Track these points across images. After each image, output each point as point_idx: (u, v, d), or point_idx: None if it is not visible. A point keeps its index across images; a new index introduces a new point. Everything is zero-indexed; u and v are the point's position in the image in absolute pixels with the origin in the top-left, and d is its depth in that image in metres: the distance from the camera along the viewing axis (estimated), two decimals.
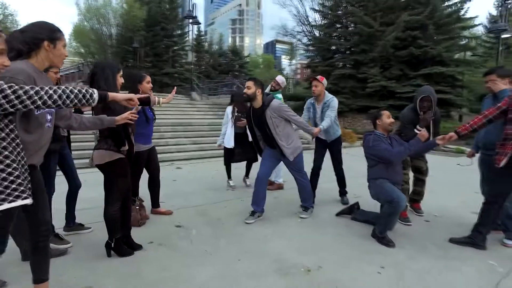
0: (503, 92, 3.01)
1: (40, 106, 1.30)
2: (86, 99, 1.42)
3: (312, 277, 2.38)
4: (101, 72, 2.33)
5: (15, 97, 1.24)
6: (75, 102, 1.38)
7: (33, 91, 1.27)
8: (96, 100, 1.45)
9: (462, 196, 4.62)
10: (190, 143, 8.80)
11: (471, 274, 2.47)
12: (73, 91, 1.38)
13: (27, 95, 1.26)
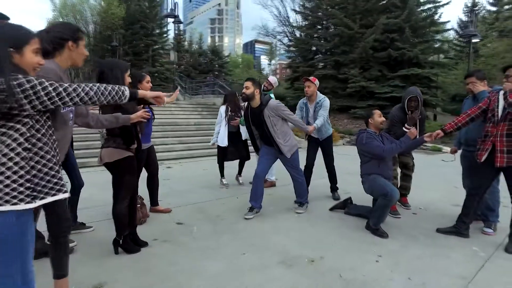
0: (482, 93, 3.27)
1: (78, 103, 1.35)
2: (118, 96, 1.47)
3: (316, 267, 2.53)
4: (109, 72, 2.37)
5: (56, 94, 1.28)
6: (109, 99, 1.43)
7: (72, 88, 1.32)
8: (128, 97, 1.51)
9: (442, 191, 4.93)
10: (177, 143, 8.81)
11: (458, 259, 2.69)
12: (107, 88, 1.43)
13: (66, 92, 1.31)
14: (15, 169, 1.25)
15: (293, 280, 2.31)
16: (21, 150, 1.27)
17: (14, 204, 1.23)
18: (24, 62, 1.31)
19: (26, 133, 1.29)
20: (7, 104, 1.19)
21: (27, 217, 1.31)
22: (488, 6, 27.47)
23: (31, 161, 1.30)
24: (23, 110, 1.24)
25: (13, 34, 1.29)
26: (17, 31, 1.31)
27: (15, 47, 1.28)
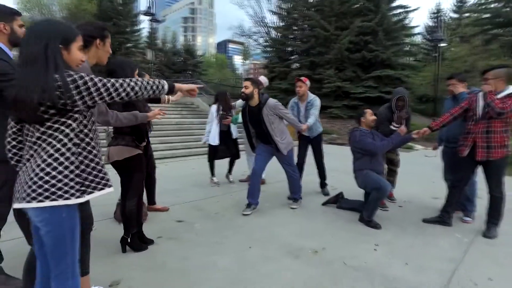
0: (461, 94, 3.57)
1: (124, 98, 1.37)
2: (158, 90, 1.47)
3: (320, 256, 2.68)
4: (120, 70, 2.40)
5: (105, 90, 1.30)
6: (150, 93, 1.44)
7: (118, 83, 1.34)
8: (166, 90, 1.52)
9: (422, 185, 5.27)
10: (159, 143, 8.71)
11: (445, 245, 2.94)
12: (149, 82, 1.44)
13: (113, 87, 1.32)
14: (66, 164, 1.28)
15: (302, 270, 2.45)
16: (72, 146, 1.30)
17: (66, 199, 1.26)
18: (70, 58, 1.34)
19: (76, 129, 1.31)
20: (62, 100, 1.22)
21: (76, 212, 1.34)
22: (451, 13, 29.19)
23: (80, 156, 1.33)
24: (75, 106, 1.26)
25: (63, 31, 1.32)
26: (66, 28, 1.34)
27: (64, 44, 1.31)
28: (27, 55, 1.23)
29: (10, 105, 1.24)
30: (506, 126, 3.11)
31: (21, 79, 1.21)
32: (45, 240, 1.30)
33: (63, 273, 1.34)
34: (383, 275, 2.39)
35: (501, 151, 3.08)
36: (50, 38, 1.26)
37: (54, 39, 1.26)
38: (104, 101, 1.33)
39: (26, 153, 1.31)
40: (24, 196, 1.24)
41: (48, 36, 1.25)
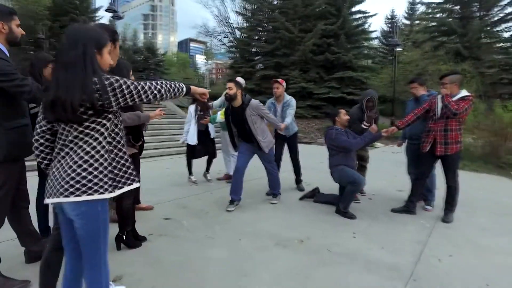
0: (422, 97, 4.01)
1: (150, 99, 1.47)
2: (179, 92, 1.58)
3: (306, 245, 2.92)
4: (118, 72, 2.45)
5: (135, 92, 1.39)
6: (172, 95, 1.54)
7: (146, 86, 1.44)
8: (184, 92, 1.62)
9: (386, 179, 5.73)
10: None
11: (412, 231, 3.32)
12: (172, 85, 1.54)
13: (143, 89, 1.42)
14: (101, 161, 1.37)
15: (292, 257, 2.67)
16: (105, 144, 1.39)
17: (101, 193, 1.35)
18: (102, 62, 1.42)
19: (109, 128, 1.41)
20: (100, 101, 1.31)
21: (107, 207, 1.44)
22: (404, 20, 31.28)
23: (112, 154, 1.42)
24: (110, 107, 1.36)
25: (97, 37, 1.40)
26: (99, 34, 1.43)
27: (97, 48, 1.40)
28: (66, 60, 1.31)
29: (46, 107, 1.31)
30: (460, 124, 3.56)
31: (61, 82, 1.29)
32: (80, 233, 1.39)
33: (97, 263, 1.43)
34: (364, 258, 2.68)
35: (456, 147, 3.52)
36: (87, 43, 1.34)
37: (90, 44, 1.35)
38: (133, 102, 1.43)
39: (60, 151, 1.39)
40: (61, 191, 1.32)
41: (85, 41, 1.34)
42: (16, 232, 2.36)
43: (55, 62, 1.36)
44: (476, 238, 3.18)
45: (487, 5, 22.98)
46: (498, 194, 5.11)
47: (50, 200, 1.38)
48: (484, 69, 21.36)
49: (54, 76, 1.33)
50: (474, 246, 2.98)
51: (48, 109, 1.31)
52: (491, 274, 2.46)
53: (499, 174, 6.81)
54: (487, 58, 22.17)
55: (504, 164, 7.35)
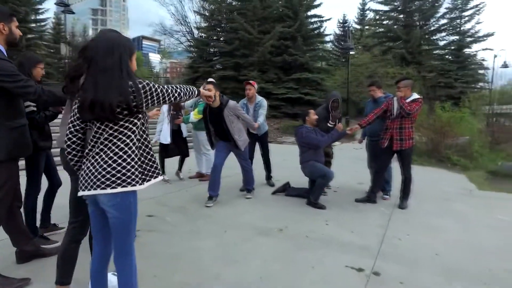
0: (380, 98, 4.50)
1: (171, 101, 1.66)
2: (192, 95, 1.79)
3: (286, 233, 3.22)
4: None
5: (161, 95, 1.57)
6: (187, 97, 1.75)
7: (170, 89, 1.62)
8: (196, 94, 1.83)
9: (348, 174, 6.22)
10: None
11: (375, 217, 3.76)
12: (188, 88, 1.74)
13: (167, 92, 1.59)
14: (133, 156, 1.51)
15: (275, 244, 2.95)
16: (136, 141, 1.53)
17: (133, 185, 1.50)
18: (131, 67, 1.56)
19: (139, 126, 1.55)
20: (135, 102, 1.46)
21: (137, 198, 1.59)
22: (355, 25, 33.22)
23: (141, 150, 1.56)
24: (142, 107, 1.51)
25: (129, 45, 1.55)
26: (130, 42, 1.57)
27: (129, 55, 1.54)
28: (104, 66, 1.44)
29: (84, 107, 1.44)
30: (413, 123, 4.08)
31: (99, 85, 1.42)
32: (114, 222, 1.53)
33: (128, 250, 1.58)
34: (337, 241, 3.03)
35: (409, 142, 4.04)
36: (122, 51, 1.49)
37: (124, 52, 1.50)
38: (159, 103, 1.60)
39: (94, 148, 1.51)
40: (99, 183, 1.46)
41: (120, 49, 1.49)
42: (9, 232, 2.36)
43: (90, 67, 1.48)
44: (427, 220, 3.70)
45: (425, 15, 25.25)
46: (440, 183, 5.85)
47: (86, 193, 1.50)
48: (425, 73, 23.40)
49: (91, 79, 1.45)
50: (425, 227, 3.49)
51: (87, 110, 1.43)
52: (439, 247, 2.94)
53: (440, 167, 7.71)
54: (427, 63, 24.36)
55: (444, 158, 8.31)
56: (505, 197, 5.01)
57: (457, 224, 3.60)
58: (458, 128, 9.00)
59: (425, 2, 25.19)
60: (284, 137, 14.82)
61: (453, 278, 2.41)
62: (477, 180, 6.43)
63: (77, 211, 1.79)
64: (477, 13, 24.96)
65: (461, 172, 7.24)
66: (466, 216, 3.90)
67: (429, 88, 23.13)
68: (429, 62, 24.44)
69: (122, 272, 1.59)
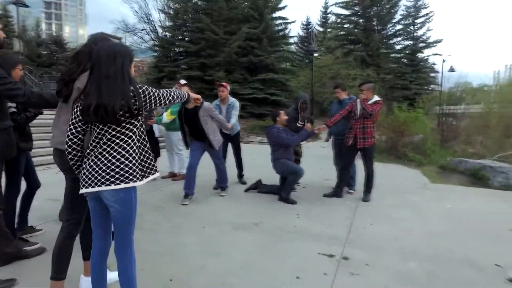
0: (345, 100, 4.85)
1: (166, 104, 1.80)
2: (183, 98, 1.93)
3: (261, 227, 3.43)
4: None
5: (158, 99, 1.70)
6: (179, 100, 1.88)
7: (165, 93, 1.74)
8: (186, 98, 1.96)
9: (314, 171, 6.55)
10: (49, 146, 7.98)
11: (342, 209, 4.08)
12: (180, 92, 1.88)
13: (162, 96, 1.73)
14: (134, 155, 1.63)
15: (252, 238, 3.15)
16: (136, 141, 1.66)
17: (134, 181, 1.62)
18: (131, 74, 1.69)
19: (139, 128, 1.68)
20: (135, 106, 1.58)
21: (137, 194, 1.71)
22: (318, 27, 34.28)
23: (140, 149, 1.68)
24: (141, 110, 1.63)
25: (130, 54, 1.67)
26: (130, 50, 1.69)
27: (130, 63, 1.66)
28: (107, 73, 1.55)
29: (87, 111, 1.54)
30: (374, 123, 4.45)
31: (103, 90, 1.53)
32: (117, 216, 1.64)
33: (128, 242, 1.70)
34: (309, 232, 3.29)
35: (371, 140, 4.41)
36: (124, 59, 1.61)
37: (125, 59, 1.62)
38: (155, 106, 1.73)
39: (96, 148, 1.61)
40: (103, 180, 1.56)
41: (123, 58, 1.61)
42: None
43: (93, 73, 1.58)
44: (387, 211, 4.08)
45: (383, 21, 26.72)
46: (398, 178, 6.37)
47: (90, 189, 1.59)
48: (384, 75, 24.72)
49: (94, 85, 1.55)
50: (386, 217, 3.86)
51: (91, 113, 1.54)
52: (398, 234, 3.30)
53: (398, 163, 8.32)
54: (386, 66, 25.77)
55: (401, 155, 8.97)
56: (452, 189, 5.59)
57: (412, 214, 4.01)
58: (414, 127, 9.74)
59: (383, 8, 26.69)
60: (251, 137, 15.05)
61: (409, 259, 2.75)
62: (430, 174, 7.04)
63: (73, 209, 1.88)
64: (428, 21, 26.95)
65: (416, 167, 7.87)
66: (420, 207, 4.34)
67: (387, 89, 24.51)
68: (387, 65, 25.86)
69: (122, 263, 1.71)
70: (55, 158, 1.90)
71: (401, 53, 28.08)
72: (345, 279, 2.41)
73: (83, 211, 1.91)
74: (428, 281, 2.42)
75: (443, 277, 2.46)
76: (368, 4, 25.84)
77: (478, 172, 6.65)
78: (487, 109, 11.31)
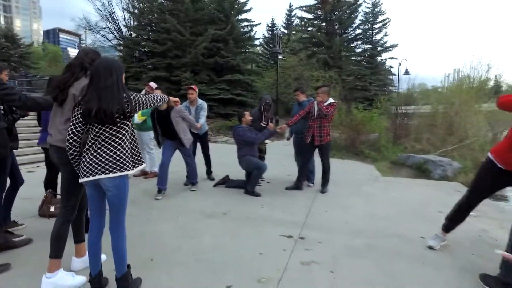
0: (304, 102, 5.37)
1: (149, 107, 2.17)
2: (164, 101, 2.32)
3: (229, 216, 3.83)
4: None
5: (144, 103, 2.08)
6: (159, 103, 2.26)
7: (149, 98, 2.11)
8: (166, 101, 2.38)
9: (277, 168, 7.07)
10: (25, 146, 7.85)
11: (301, 200, 4.58)
12: (162, 97, 2.28)
13: (148, 100, 2.10)
14: (126, 149, 1.98)
15: (222, 224, 3.54)
16: (128, 137, 2.01)
17: (127, 170, 1.97)
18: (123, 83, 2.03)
19: (130, 127, 2.03)
20: (128, 110, 1.93)
21: (128, 181, 2.05)
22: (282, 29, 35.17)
23: (130, 144, 2.03)
24: (133, 113, 1.98)
25: (122, 68, 2.03)
26: (121, 65, 2.05)
27: (122, 75, 2.01)
28: (105, 84, 1.89)
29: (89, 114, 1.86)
30: (329, 122, 5.00)
31: (102, 98, 1.86)
32: (113, 199, 1.98)
33: (121, 220, 2.04)
34: (272, 219, 3.75)
35: (327, 138, 4.95)
36: (118, 73, 1.97)
37: (120, 73, 1.98)
38: (143, 108, 2.10)
39: (94, 144, 1.93)
40: (103, 170, 1.90)
41: (117, 71, 1.97)
42: None
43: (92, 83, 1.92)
44: (342, 200, 4.64)
45: (344, 25, 28.05)
46: (354, 173, 7.02)
47: (92, 178, 1.92)
48: (345, 77, 25.96)
49: (94, 93, 1.88)
50: (340, 205, 4.40)
51: (93, 116, 1.86)
52: (349, 218, 3.84)
53: (356, 159, 9.05)
54: (347, 68, 27.08)
55: (359, 152, 9.73)
56: (399, 181, 6.32)
57: (363, 202, 4.59)
58: (370, 126, 10.58)
59: (343, 13, 28.03)
60: (218, 137, 15.37)
61: (355, 236, 3.28)
62: (382, 169, 7.80)
63: (69, 197, 2.17)
64: (385, 26, 28.72)
65: (371, 163, 8.63)
66: (370, 196, 4.96)
67: (348, 90, 25.78)
68: (348, 67, 27.21)
69: (116, 240, 2.05)
70: (53, 154, 2.17)
71: (361, 56, 29.64)
72: (300, 253, 2.88)
73: (77, 199, 2.21)
74: (367, 251, 2.95)
75: (379, 248, 3.01)
76: (330, 9, 27.03)
77: (422, 166, 7.47)
78: (434, 109, 12.45)
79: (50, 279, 2.12)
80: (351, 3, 27.66)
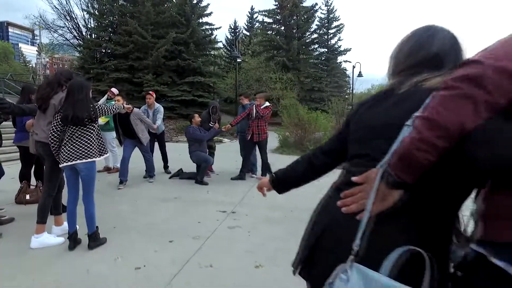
0: (246, 105, 6.39)
1: (109, 114, 3.03)
2: (121, 109, 3.20)
3: (179, 199, 4.74)
4: None
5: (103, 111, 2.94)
6: (117, 111, 3.15)
7: (106, 107, 2.98)
8: (122, 109, 3.24)
9: (227, 162, 8.04)
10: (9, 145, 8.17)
11: (242, 187, 5.57)
12: (118, 106, 3.16)
13: (105, 109, 2.96)
14: (95, 142, 2.83)
15: (174, 206, 4.45)
16: (96, 134, 2.86)
17: (96, 157, 2.82)
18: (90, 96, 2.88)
19: (96, 127, 2.88)
20: (94, 116, 2.79)
21: (95, 165, 2.90)
22: (245, 31, 36.14)
23: (97, 140, 2.88)
24: (97, 118, 2.84)
25: (89, 85, 2.88)
26: (88, 83, 2.89)
27: (89, 90, 2.86)
28: (77, 97, 2.73)
29: (66, 118, 2.69)
30: (266, 122, 6.04)
31: (76, 108, 2.70)
32: (85, 177, 2.82)
33: (91, 192, 2.89)
34: (214, 201, 4.71)
35: (264, 135, 5.99)
36: (86, 90, 2.82)
37: (88, 90, 2.83)
38: (104, 115, 2.96)
39: (71, 139, 2.76)
40: (79, 156, 2.74)
41: (86, 89, 2.82)
42: None
43: (68, 97, 2.75)
44: None
45: (301, 29, 29.60)
46: None
47: (70, 163, 2.75)
48: (303, 79, 27.46)
49: (70, 104, 2.72)
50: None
51: (69, 120, 2.70)
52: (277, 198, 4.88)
53: None
54: (305, 70, 28.65)
55: (306, 149, 10.94)
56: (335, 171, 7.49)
57: None
58: (316, 125, 11.84)
59: (301, 18, 29.61)
60: (179, 137, 16.05)
61: (276, 210, 4.31)
62: None
63: (51, 179, 2.99)
64: (339, 32, 30.67)
65: None
66: None
67: (306, 92, 27.33)
68: (306, 69, 28.81)
69: (87, 204, 2.91)
70: (39, 148, 2.97)
71: (318, 59, 31.42)
72: (229, 222, 3.86)
73: (57, 180, 3.03)
74: (282, 220, 3.99)
75: (291, 218, 4.06)
76: (288, 13, 28.47)
77: None
78: None
79: (37, 238, 2.93)
80: (308, 8, 29.29)
